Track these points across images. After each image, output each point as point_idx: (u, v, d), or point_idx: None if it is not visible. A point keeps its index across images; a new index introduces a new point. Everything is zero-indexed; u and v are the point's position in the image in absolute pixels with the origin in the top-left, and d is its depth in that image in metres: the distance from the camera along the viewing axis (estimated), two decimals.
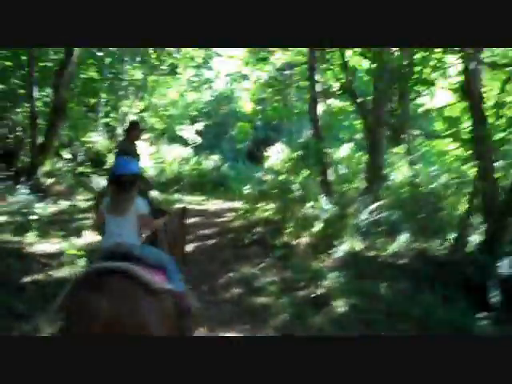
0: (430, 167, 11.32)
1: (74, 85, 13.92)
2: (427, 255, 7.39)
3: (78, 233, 7.93)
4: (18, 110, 12.67)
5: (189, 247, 7.94)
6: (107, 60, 15.79)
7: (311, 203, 8.57)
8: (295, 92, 17.76)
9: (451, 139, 13.42)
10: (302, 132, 22.08)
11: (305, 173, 9.35)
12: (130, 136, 6.68)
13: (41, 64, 13.21)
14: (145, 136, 14.07)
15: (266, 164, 11.46)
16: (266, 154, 12.04)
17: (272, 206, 9.29)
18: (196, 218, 10.16)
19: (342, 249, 7.56)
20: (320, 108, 10.56)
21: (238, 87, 22.20)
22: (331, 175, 9.86)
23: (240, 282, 6.51)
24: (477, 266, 6.39)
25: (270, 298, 5.98)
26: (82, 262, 6.13)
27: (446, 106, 13.03)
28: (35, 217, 7.91)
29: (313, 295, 6.09)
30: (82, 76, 14.98)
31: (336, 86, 14.58)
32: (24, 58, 12.19)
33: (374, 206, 8.40)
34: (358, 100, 11.75)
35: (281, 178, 9.54)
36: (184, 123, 19.27)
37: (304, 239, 7.98)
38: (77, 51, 11.84)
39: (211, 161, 18.19)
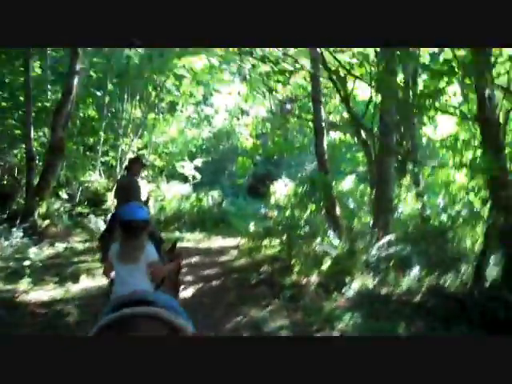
0: (436, 198, 11.07)
1: (73, 124, 13.71)
2: (442, 291, 6.97)
3: (74, 278, 7.53)
4: (15, 151, 12.39)
5: (191, 290, 7.58)
6: (106, 99, 15.64)
7: (319, 239, 8.18)
8: (296, 126, 17.64)
9: (456, 169, 13.17)
10: (303, 166, 21.97)
11: (311, 207, 8.99)
12: (131, 171, 6.62)
13: (38, 104, 13.06)
14: (143, 173, 13.80)
15: (271, 199, 11.11)
16: (270, 189, 11.72)
17: (278, 243, 8.88)
18: (197, 256, 9.75)
19: (354, 287, 7.15)
20: (324, 141, 10.26)
21: (237, 123, 22.10)
22: (337, 209, 9.51)
23: (248, 327, 6.02)
24: (501, 301, 5.98)
25: None
26: (77, 310, 5.73)
27: (450, 136, 12.80)
28: (29, 262, 7.48)
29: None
30: (80, 115, 14.84)
31: (338, 118, 14.50)
32: (21, 98, 12.00)
33: (384, 241, 8.03)
34: (362, 132, 11.55)
35: (287, 213, 9.16)
36: (183, 160, 19.06)
37: (313, 278, 7.54)
38: (75, 91, 11.67)
39: (211, 197, 17.88)
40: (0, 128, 11.45)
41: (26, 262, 7.44)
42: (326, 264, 7.74)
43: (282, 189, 11.02)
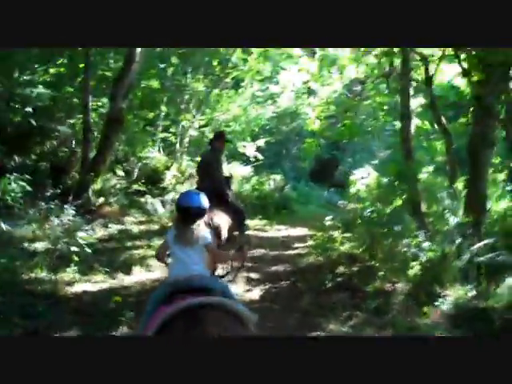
0: None
1: (133, 95, 12.95)
2: None
3: (126, 268, 6.72)
4: (71, 120, 11.72)
5: (257, 291, 6.64)
6: (169, 71, 14.80)
7: (407, 239, 7.01)
8: (367, 109, 16.40)
9: None
10: (370, 152, 20.67)
11: (396, 202, 7.79)
12: (215, 146, 6.62)
13: (99, 72, 12.37)
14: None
15: (352, 189, 9.94)
16: (351, 177, 10.57)
17: (355, 238, 7.78)
18: (262, 249, 8.77)
19: (448, 299, 6.00)
20: (411, 126, 8.97)
21: (304, 103, 20.94)
22: (423, 205, 8.30)
23: None
24: None
25: None
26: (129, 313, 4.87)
27: None
28: (77, 249, 6.67)
29: None
30: (142, 86, 14.05)
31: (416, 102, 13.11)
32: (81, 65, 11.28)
33: (479, 245, 6.82)
34: (443, 118, 10.23)
35: (368, 206, 8.01)
36: (246, 140, 18.11)
37: (400, 285, 6.42)
38: (137, 60, 10.87)
39: (273, 181, 16.96)
40: (56, 94, 10.68)
41: (75, 248, 6.63)
42: (415, 269, 6.61)
43: (363, 178, 9.78)
